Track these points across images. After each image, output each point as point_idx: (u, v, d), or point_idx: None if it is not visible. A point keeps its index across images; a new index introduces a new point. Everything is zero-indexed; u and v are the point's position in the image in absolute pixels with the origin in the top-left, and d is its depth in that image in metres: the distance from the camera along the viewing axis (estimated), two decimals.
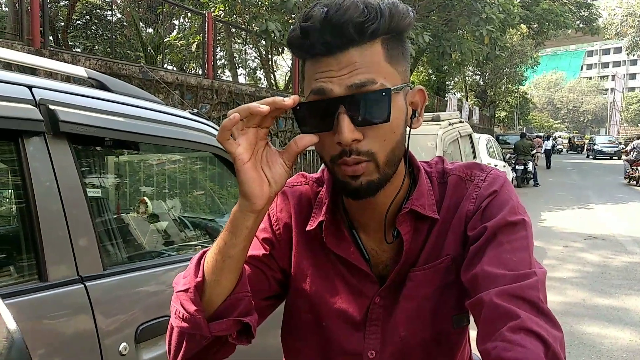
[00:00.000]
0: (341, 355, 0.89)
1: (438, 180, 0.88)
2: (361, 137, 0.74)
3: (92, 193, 1.76)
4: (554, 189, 15.16)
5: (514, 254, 0.75)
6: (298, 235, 0.91)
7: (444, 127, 6.32)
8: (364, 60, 0.73)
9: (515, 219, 0.79)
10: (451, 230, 0.84)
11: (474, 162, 0.91)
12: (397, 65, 0.77)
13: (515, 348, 0.64)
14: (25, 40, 5.67)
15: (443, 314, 0.85)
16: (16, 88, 1.31)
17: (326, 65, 0.74)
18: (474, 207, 0.82)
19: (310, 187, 0.94)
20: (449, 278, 0.83)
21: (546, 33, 22.39)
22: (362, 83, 0.72)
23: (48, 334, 1.26)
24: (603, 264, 6.38)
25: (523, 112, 40.83)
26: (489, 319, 0.70)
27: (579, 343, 3.94)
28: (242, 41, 13.50)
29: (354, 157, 0.74)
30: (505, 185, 0.84)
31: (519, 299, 0.69)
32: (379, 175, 0.76)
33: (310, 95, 0.76)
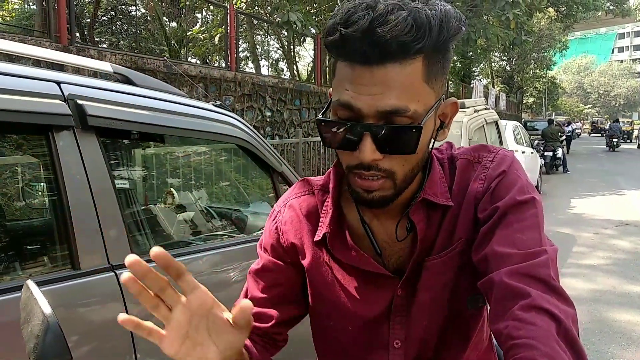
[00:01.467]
0: (368, 348, 0.91)
1: (449, 165, 0.88)
2: (381, 158, 0.72)
3: (120, 185, 1.81)
4: (584, 175, 14.83)
5: (524, 233, 0.75)
6: (308, 245, 0.91)
7: (469, 115, 6.25)
8: (401, 80, 0.69)
9: (525, 197, 0.78)
10: (462, 214, 0.84)
11: (481, 144, 0.90)
12: (434, 82, 0.73)
13: (526, 326, 0.64)
14: (53, 37, 5.80)
15: (458, 296, 0.86)
16: (45, 84, 1.36)
17: (359, 76, 0.69)
18: (483, 189, 0.82)
19: (316, 196, 0.93)
20: (463, 261, 0.83)
21: (575, 16, 21.77)
22: (393, 110, 0.69)
23: (81, 321, 1.31)
24: (635, 251, 6.23)
25: (552, 98, 39.91)
26: (499, 299, 0.70)
27: (609, 330, 3.87)
28: (264, 33, 13.52)
29: (373, 172, 0.73)
30: (513, 164, 0.83)
31: (529, 277, 0.69)
32: (393, 191, 0.77)
33: (336, 105, 0.73)
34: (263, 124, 9.26)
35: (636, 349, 3.56)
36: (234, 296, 1.76)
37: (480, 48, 17.98)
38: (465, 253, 0.83)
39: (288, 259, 0.93)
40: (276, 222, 0.95)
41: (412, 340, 0.87)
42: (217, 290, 1.72)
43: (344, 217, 0.90)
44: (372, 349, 0.90)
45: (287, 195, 0.97)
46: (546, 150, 14.81)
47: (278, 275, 0.93)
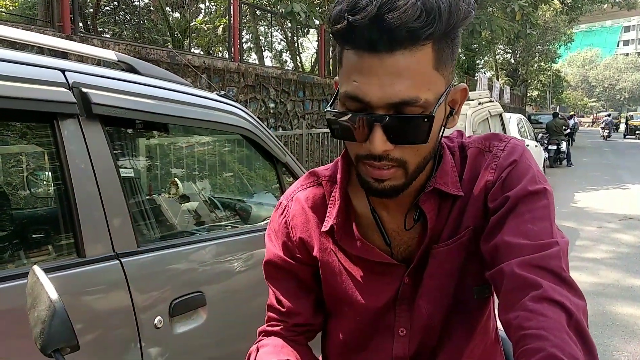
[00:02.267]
0: (374, 336, 0.91)
1: (459, 154, 0.87)
2: (392, 148, 0.71)
3: (124, 173, 1.81)
4: (588, 168, 14.78)
5: (535, 224, 0.74)
6: (317, 235, 0.91)
7: (474, 107, 6.23)
8: (411, 69, 0.67)
9: (536, 188, 0.77)
10: (471, 202, 0.83)
11: (492, 132, 0.89)
12: (444, 69, 0.71)
13: (537, 317, 0.64)
14: (56, 26, 5.79)
15: (465, 285, 0.85)
16: (50, 72, 1.35)
17: (368, 65, 0.67)
18: (494, 178, 0.81)
19: (323, 186, 0.93)
20: (471, 250, 0.83)
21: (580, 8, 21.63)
22: (403, 102, 0.67)
23: (86, 308, 1.32)
24: (639, 245, 6.21)
25: (556, 91, 39.73)
26: (510, 290, 0.70)
27: (612, 324, 3.87)
28: (268, 23, 13.47)
29: (384, 162, 0.72)
30: (524, 154, 0.82)
31: (540, 268, 0.69)
32: (404, 181, 0.75)
33: (344, 95, 0.71)
34: (267, 115, 9.25)
35: (639, 342, 3.56)
36: (237, 285, 1.77)
37: (485, 40, 17.88)
38: (473, 242, 0.82)
39: (298, 254, 0.94)
40: (285, 217, 0.95)
41: (417, 328, 0.87)
42: (221, 279, 1.73)
43: (352, 208, 0.89)
44: (378, 336, 0.91)
45: (294, 188, 0.97)
46: (550, 143, 14.76)
47: (290, 268, 0.94)
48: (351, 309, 0.91)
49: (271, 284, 0.96)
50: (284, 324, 0.94)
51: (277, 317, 0.95)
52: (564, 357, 0.60)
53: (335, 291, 0.92)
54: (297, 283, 0.95)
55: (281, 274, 0.95)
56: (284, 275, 0.95)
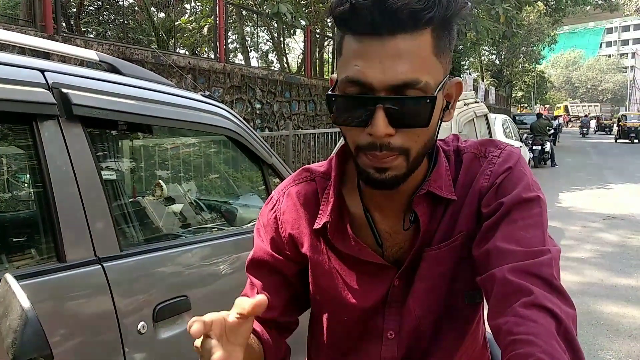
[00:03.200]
0: (362, 339, 0.90)
1: (454, 158, 0.87)
2: (394, 133, 0.70)
3: (107, 176, 1.78)
4: (572, 169, 14.96)
5: (528, 231, 0.74)
6: (307, 233, 0.90)
7: (459, 108, 6.25)
8: (412, 52, 0.68)
9: (530, 195, 0.77)
10: (465, 207, 0.83)
11: (488, 138, 0.89)
12: (443, 57, 0.72)
13: (526, 323, 0.64)
14: (39, 26, 5.70)
15: (456, 290, 0.85)
16: (29, 72, 1.32)
17: (369, 48, 0.68)
18: (488, 184, 0.81)
19: (316, 183, 0.92)
20: (463, 255, 0.82)
21: (564, 10, 21.89)
22: (405, 83, 0.68)
23: (68, 314, 1.28)
24: (622, 244, 6.30)
25: (540, 92, 40.18)
26: (501, 295, 0.69)
27: (597, 322, 3.91)
28: (254, 24, 13.43)
29: (385, 153, 0.71)
30: (519, 161, 0.82)
31: (532, 275, 0.69)
32: (405, 171, 0.75)
33: (345, 81, 0.71)
34: (253, 116, 9.21)
35: (623, 340, 3.60)
36: (223, 288, 1.75)
37: (470, 41, 18.01)
38: (465, 247, 0.82)
39: (286, 250, 0.92)
40: (275, 212, 0.93)
41: (406, 331, 0.86)
42: (207, 283, 1.70)
43: (345, 207, 0.88)
44: (366, 339, 0.90)
45: (286, 183, 0.96)
46: (534, 144, 14.92)
47: (276, 264, 0.92)
48: (339, 308, 0.90)
49: (252, 276, 0.94)
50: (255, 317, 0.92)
51: None
52: None
53: (324, 290, 0.91)
54: (280, 279, 0.93)
55: (266, 268, 0.93)
56: (268, 270, 0.93)
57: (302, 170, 0.96)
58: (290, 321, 0.96)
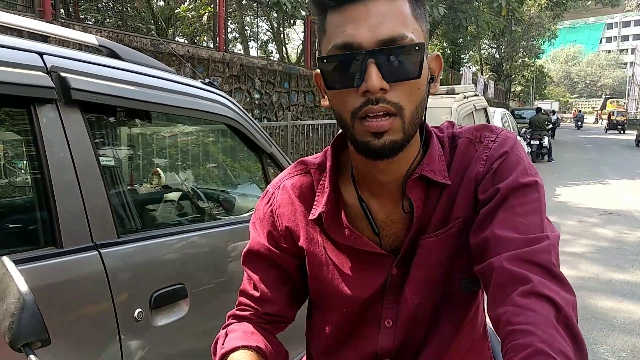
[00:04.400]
0: (360, 328, 0.90)
1: (449, 144, 0.86)
2: (388, 88, 0.71)
3: (105, 162, 1.76)
4: (570, 164, 14.98)
5: (526, 217, 0.73)
6: (303, 225, 0.90)
7: (459, 100, 6.23)
8: (393, 11, 0.70)
9: (528, 180, 0.76)
10: (460, 193, 0.82)
11: (483, 124, 0.88)
12: (422, 23, 0.75)
13: (525, 312, 0.63)
14: (37, 12, 5.64)
15: (453, 278, 0.84)
16: (27, 55, 1.30)
17: (354, 13, 0.70)
18: (485, 169, 0.80)
19: (311, 174, 0.91)
20: (460, 242, 0.82)
21: (565, 4, 21.82)
22: (393, 38, 0.70)
23: (64, 300, 1.28)
24: (618, 239, 6.32)
25: (539, 87, 40.12)
26: (499, 284, 0.69)
27: (592, 317, 3.93)
28: (254, 13, 13.34)
29: (382, 105, 0.71)
30: (515, 145, 0.81)
31: (530, 263, 0.68)
32: (402, 135, 0.74)
33: (333, 49, 0.72)
34: (251, 106, 9.17)
35: (618, 335, 3.62)
36: (220, 277, 1.74)
37: (470, 35, 17.95)
38: (462, 233, 0.81)
39: (283, 243, 0.92)
40: (271, 205, 0.93)
41: (403, 319, 0.86)
42: (203, 273, 1.70)
43: (341, 197, 0.88)
44: (364, 328, 0.89)
45: (282, 176, 0.95)
46: (533, 138, 14.93)
47: (274, 257, 0.92)
48: (338, 300, 0.89)
49: (249, 270, 0.94)
50: (255, 310, 0.93)
51: (249, 303, 0.93)
52: (552, 352, 0.59)
53: (322, 282, 0.90)
54: (278, 272, 0.93)
55: (263, 262, 0.92)
56: (265, 264, 0.92)
57: (297, 163, 0.95)
58: (289, 316, 0.96)
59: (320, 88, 0.81)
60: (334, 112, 0.78)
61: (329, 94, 0.77)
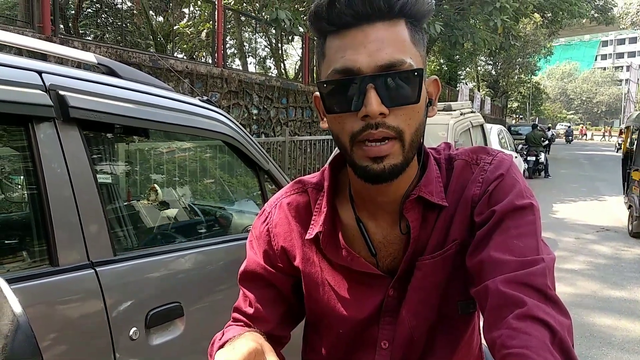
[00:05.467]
0: (356, 348, 0.89)
1: (446, 166, 0.86)
2: (387, 112, 0.71)
3: (102, 179, 1.76)
4: (566, 180, 15.01)
5: (521, 240, 0.73)
6: (300, 245, 0.90)
7: (456, 117, 6.27)
8: (392, 37, 0.71)
9: (523, 203, 0.76)
10: (457, 215, 0.82)
11: (480, 146, 0.89)
12: (419, 48, 0.75)
13: (520, 335, 0.63)
14: (36, 27, 5.69)
15: (449, 299, 0.84)
16: (26, 73, 1.31)
17: (353, 39, 0.71)
18: (481, 191, 0.80)
19: (308, 194, 0.91)
20: (457, 264, 0.82)
21: (560, 22, 22.02)
22: (392, 63, 0.71)
23: (59, 318, 1.27)
24: (615, 256, 6.32)
25: (535, 103, 40.39)
26: (495, 307, 0.68)
27: (590, 335, 3.91)
28: (252, 30, 13.45)
29: (381, 130, 0.71)
30: (511, 168, 0.82)
31: (525, 286, 0.68)
32: (402, 159, 0.74)
33: (333, 73, 0.73)
34: (249, 122, 9.20)
35: (616, 353, 3.60)
36: (216, 295, 1.73)
37: (467, 52, 18.12)
38: (459, 255, 0.81)
39: (279, 263, 0.91)
40: (267, 224, 0.93)
41: (399, 340, 0.86)
42: (199, 291, 1.69)
43: (338, 217, 0.88)
44: (360, 348, 0.89)
45: (279, 195, 0.95)
46: (529, 155, 14.98)
47: (270, 277, 0.92)
48: (334, 320, 0.89)
49: (245, 288, 0.94)
50: (248, 327, 0.92)
51: (242, 319, 0.93)
52: None
53: (318, 302, 0.90)
54: (273, 292, 0.92)
55: (259, 281, 0.92)
56: (261, 283, 0.92)
57: (295, 182, 0.96)
58: (284, 335, 0.95)
59: (320, 110, 0.82)
60: (332, 134, 0.78)
61: (328, 117, 0.78)
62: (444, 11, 12.84)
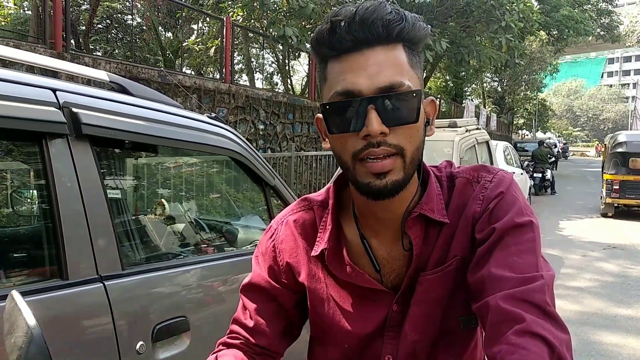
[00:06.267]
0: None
1: (447, 183, 0.88)
2: (388, 131, 0.74)
3: (112, 194, 1.79)
4: (573, 197, 14.95)
5: (521, 257, 0.75)
6: (305, 261, 0.92)
7: (461, 134, 6.28)
8: (391, 61, 0.74)
9: (523, 220, 0.78)
10: (458, 232, 0.84)
11: (481, 164, 0.91)
12: (417, 71, 0.78)
13: (518, 351, 0.64)
14: (48, 43, 5.78)
15: (451, 315, 0.86)
16: (41, 91, 1.35)
17: (354, 63, 0.74)
18: (481, 209, 0.82)
19: (314, 211, 0.94)
20: (458, 280, 0.84)
21: (566, 40, 22.09)
22: (391, 85, 0.73)
23: (68, 331, 1.29)
24: (622, 274, 6.27)
25: (542, 120, 40.34)
26: (494, 323, 0.70)
27: (597, 353, 3.87)
28: (260, 46, 13.58)
29: (383, 148, 0.74)
30: (512, 186, 0.84)
31: (524, 302, 0.69)
32: (403, 175, 0.76)
33: (335, 96, 0.76)
34: (256, 137, 9.26)
35: None
36: (222, 310, 1.75)
37: (473, 68, 18.18)
38: (460, 271, 0.83)
39: (284, 279, 0.93)
40: (274, 241, 0.95)
41: (402, 355, 0.87)
42: (206, 304, 1.71)
43: (343, 234, 0.90)
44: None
45: (285, 212, 0.98)
46: (535, 171, 14.94)
47: (273, 292, 0.93)
48: (339, 335, 0.90)
49: (247, 299, 0.95)
50: (246, 340, 0.93)
51: (241, 332, 0.94)
52: None
53: (323, 318, 0.91)
54: (275, 307, 0.94)
55: (262, 295, 0.94)
56: (264, 297, 0.94)
57: (301, 200, 0.98)
58: (279, 352, 0.96)
59: (322, 131, 0.84)
60: (335, 154, 0.81)
61: (330, 138, 0.80)
62: (450, 29, 12.92)
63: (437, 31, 11.29)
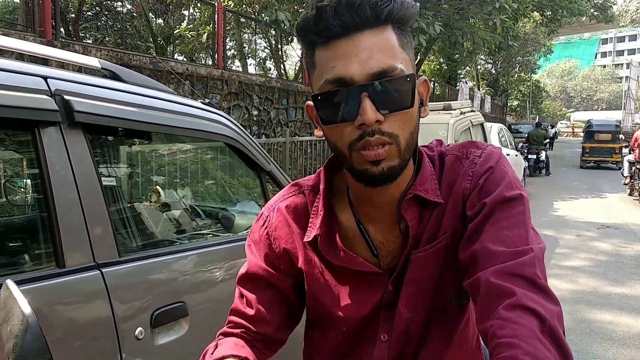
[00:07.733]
0: (357, 343, 0.92)
1: (439, 162, 0.88)
2: (383, 119, 0.73)
3: (106, 182, 1.79)
4: (567, 178, 15.03)
5: (511, 230, 0.75)
6: (301, 246, 0.91)
7: (456, 116, 6.29)
8: (382, 44, 0.72)
9: (513, 194, 0.78)
10: (449, 208, 0.84)
11: (469, 140, 0.91)
12: (408, 52, 0.77)
13: (509, 325, 0.65)
14: (37, 31, 5.72)
15: (442, 292, 0.86)
16: (32, 79, 1.33)
17: (343, 49, 0.72)
18: (471, 185, 0.82)
19: (305, 196, 0.93)
20: (449, 256, 0.84)
21: (559, 20, 22.04)
22: (383, 70, 0.72)
23: (66, 319, 1.29)
24: (616, 253, 6.34)
25: (536, 101, 40.35)
26: (485, 298, 0.71)
27: (591, 331, 3.93)
28: (252, 31, 13.48)
29: (378, 137, 0.73)
30: (500, 160, 0.84)
31: (515, 276, 0.70)
32: (399, 161, 0.76)
33: (325, 84, 0.74)
34: (250, 123, 9.23)
35: (617, 349, 3.62)
36: (220, 295, 1.76)
37: (467, 51, 18.11)
38: (450, 248, 0.84)
39: (281, 265, 0.93)
40: (267, 228, 0.94)
41: (397, 333, 0.88)
42: (204, 290, 1.71)
43: (335, 219, 0.90)
44: (362, 344, 0.91)
45: (276, 199, 0.97)
46: (530, 153, 15.01)
47: (271, 279, 0.93)
48: (337, 319, 0.91)
49: (245, 289, 0.94)
50: (247, 329, 0.92)
51: (240, 322, 0.93)
52: None
53: (321, 302, 0.92)
54: (275, 294, 0.93)
55: (260, 284, 0.93)
56: (262, 286, 0.93)
57: (291, 185, 0.97)
58: (281, 338, 0.96)
59: (313, 119, 0.83)
60: (329, 142, 0.80)
61: (323, 127, 0.79)
62: (443, 11, 12.83)
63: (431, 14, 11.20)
